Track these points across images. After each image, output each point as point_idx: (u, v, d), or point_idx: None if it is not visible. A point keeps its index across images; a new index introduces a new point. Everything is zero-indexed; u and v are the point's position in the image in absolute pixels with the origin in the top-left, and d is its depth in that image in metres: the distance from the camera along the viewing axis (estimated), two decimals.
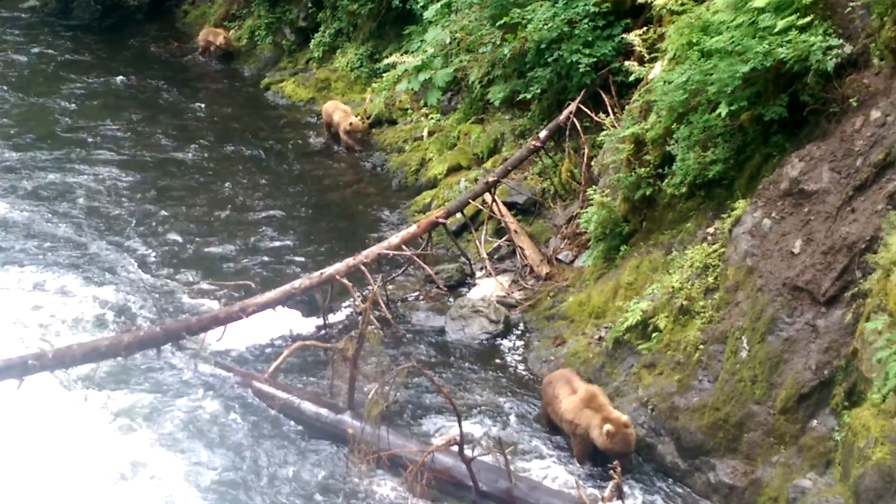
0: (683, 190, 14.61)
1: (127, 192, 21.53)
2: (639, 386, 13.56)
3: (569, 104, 18.77)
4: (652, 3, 15.81)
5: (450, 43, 22.24)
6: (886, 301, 10.70)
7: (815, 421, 11.59)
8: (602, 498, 11.17)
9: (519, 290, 17.18)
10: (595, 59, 18.60)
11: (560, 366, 14.61)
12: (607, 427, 12.47)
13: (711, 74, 13.48)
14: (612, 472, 11.20)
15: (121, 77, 28.52)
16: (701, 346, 13.00)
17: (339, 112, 23.69)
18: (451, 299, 17.09)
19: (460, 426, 12.18)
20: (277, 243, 19.40)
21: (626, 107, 16.87)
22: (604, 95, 18.55)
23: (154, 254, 18.87)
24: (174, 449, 13.32)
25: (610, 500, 11.17)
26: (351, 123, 23.30)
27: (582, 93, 18.74)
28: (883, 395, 10.37)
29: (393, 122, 23.91)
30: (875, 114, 12.37)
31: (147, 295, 17.27)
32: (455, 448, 12.10)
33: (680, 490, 12.61)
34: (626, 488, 11.67)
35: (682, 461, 12.71)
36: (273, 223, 20.30)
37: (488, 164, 20.33)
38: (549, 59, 19.14)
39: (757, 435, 12.05)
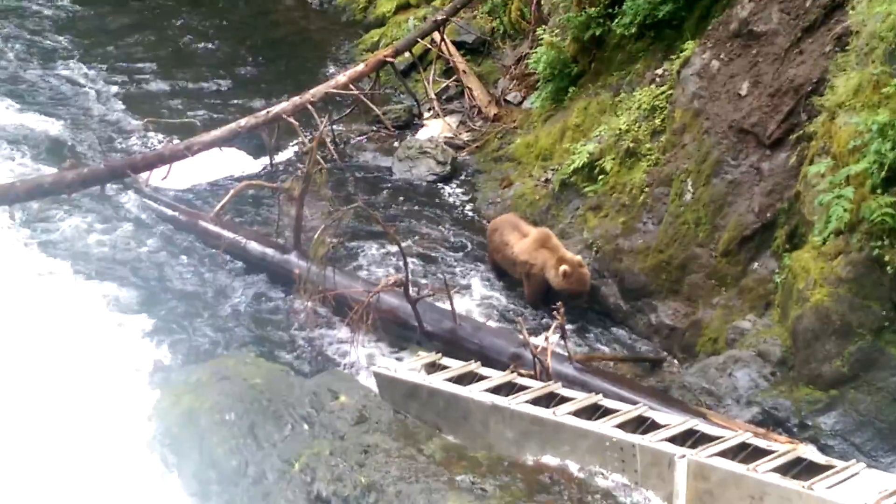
0: (633, 30, 14.31)
1: (73, 24, 20.92)
2: (584, 228, 13.46)
3: None
4: None
5: None
6: (831, 144, 10.56)
7: (757, 263, 11.57)
8: (545, 338, 11.12)
9: (467, 132, 16.92)
10: None
11: (507, 208, 14.47)
12: (563, 267, 12.43)
13: None
14: (555, 312, 11.14)
15: None
16: (646, 189, 12.89)
17: None
18: (398, 140, 16.80)
19: (406, 267, 12.01)
20: (224, 81, 18.96)
21: None
22: None
23: (100, 90, 18.41)
24: (119, 285, 13.12)
25: (552, 340, 11.14)
26: None
27: None
28: (823, 238, 10.30)
29: None
30: None
31: (92, 131, 16.88)
32: (400, 289, 12.01)
33: (622, 331, 12.63)
34: (568, 328, 11.64)
35: (625, 303, 12.69)
36: (220, 61, 19.82)
37: (437, 3, 19.74)
38: None
39: (699, 277, 12.02)
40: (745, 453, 9.04)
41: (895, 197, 9.62)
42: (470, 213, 15.13)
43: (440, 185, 15.76)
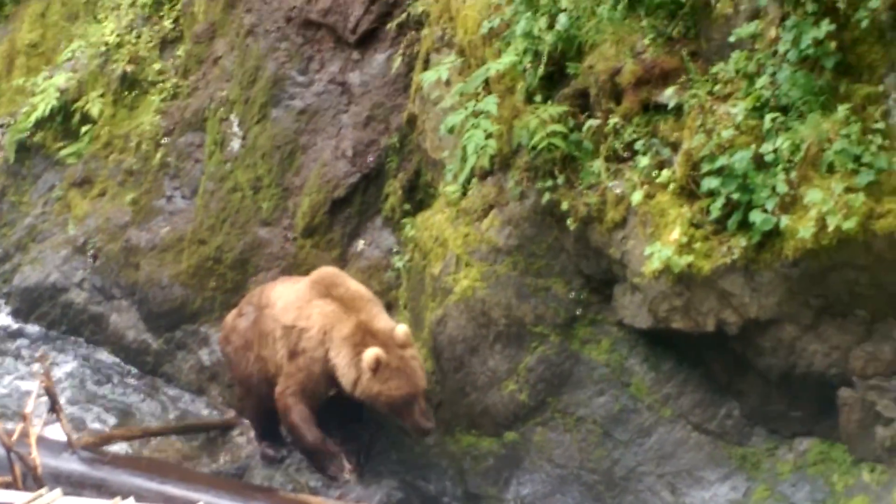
0: None
1: None
2: (68, 219, 13.48)
3: None
4: None
5: None
6: (453, 31, 10.83)
7: (362, 241, 11.78)
8: (24, 416, 10.83)
9: None
10: None
11: None
12: (371, 351, 10.30)
13: None
14: (37, 368, 10.98)
15: None
16: (164, 140, 13.00)
17: None
18: None
19: None
20: None
21: None
22: None
23: None
24: None
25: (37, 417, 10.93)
26: None
27: None
28: (461, 184, 10.52)
29: None
30: None
31: None
32: None
33: (160, 382, 12.79)
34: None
35: (154, 336, 12.75)
36: None
37: None
38: None
39: (271, 277, 12.01)
40: None
41: (564, 105, 9.88)
42: None
43: None
